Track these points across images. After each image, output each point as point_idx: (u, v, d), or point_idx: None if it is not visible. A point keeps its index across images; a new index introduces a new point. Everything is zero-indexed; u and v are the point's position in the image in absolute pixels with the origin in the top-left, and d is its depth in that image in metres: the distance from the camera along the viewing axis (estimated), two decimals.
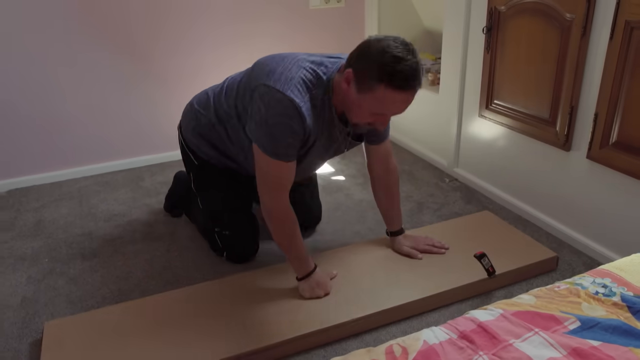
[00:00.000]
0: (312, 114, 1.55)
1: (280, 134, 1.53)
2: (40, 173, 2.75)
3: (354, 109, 1.52)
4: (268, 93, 1.52)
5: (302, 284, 1.74)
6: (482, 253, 1.76)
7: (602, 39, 1.81)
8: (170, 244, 2.16)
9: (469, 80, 2.48)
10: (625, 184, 1.83)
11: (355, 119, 1.56)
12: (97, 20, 2.61)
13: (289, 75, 1.52)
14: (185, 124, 2.00)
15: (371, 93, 1.44)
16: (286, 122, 1.51)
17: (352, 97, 1.50)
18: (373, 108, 1.47)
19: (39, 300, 1.84)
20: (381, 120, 1.53)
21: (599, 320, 1.13)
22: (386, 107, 1.47)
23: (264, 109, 1.53)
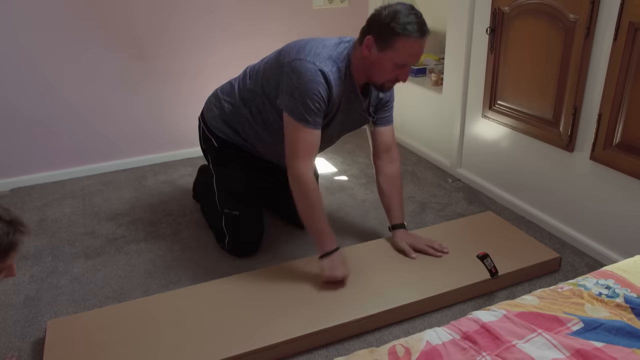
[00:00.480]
0: (338, 84, 1.75)
1: (310, 100, 1.70)
2: (44, 172, 2.75)
3: (378, 70, 1.73)
4: (300, 65, 1.71)
5: (323, 261, 1.79)
6: (485, 254, 1.76)
7: (605, 40, 1.81)
8: (173, 244, 2.16)
9: (473, 81, 2.48)
10: (629, 185, 1.83)
11: (380, 79, 1.76)
12: (101, 19, 2.62)
13: (317, 51, 1.74)
14: (208, 112, 2.11)
15: (392, 48, 1.66)
16: (316, 88, 1.69)
17: (374, 59, 1.70)
18: (395, 60, 1.68)
19: (42, 299, 1.85)
20: (404, 71, 1.74)
21: (602, 322, 1.13)
22: (407, 55, 1.68)
23: (296, 77, 1.71)
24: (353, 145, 3.13)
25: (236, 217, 2.03)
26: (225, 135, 2.04)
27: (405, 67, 1.72)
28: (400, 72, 1.73)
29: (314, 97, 1.69)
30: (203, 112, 2.14)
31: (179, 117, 2.95)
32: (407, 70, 1.74)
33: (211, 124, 2.07)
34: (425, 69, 3.07)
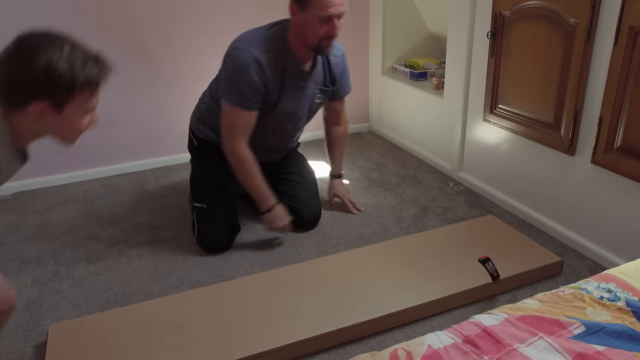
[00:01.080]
0: (273, 63, 1.88)
1: (241, 82, 1.87)
2: (46, 176, 2.76)
3: (309, 30, 1.83)
4: (233, 52, 1.90)
5: (264, 216, 2.08)
6: (487, 257, 1.76)
7: (606, 44, 1.81)
8: (174, 248, 2.17)
9: (474, 85, 2.48)
10: (630, 188, 1.83)
11: (314, 39, 1.85)
12: (103, 23, 2.63)
13: (249, 37, 1.91)
14: (192, 114, 2.29)
15: (309, 4, 1.77)
16: (245, 72, 1.85)
17: (302, 21, 1.83)
18: (318, 14, 1.78)
19: (44, 303, 1.85)
20: (332, 24, 1.82)
21: (604, 325, 1.13)
22: (325, 5, 1.77)
23: (231, 65, 1.90)
24: (354, 149, 3.14)
25: (204, 210, 2.11)
26: (204, 135, 2.18)
27: (331, 21, 1.80)
28: (329, 27, 1.81)
29: (245, 80, 1.86)
30: (190, 118, 2.30)
31: (181, 121, 2.94)
32: (334, 24, 1.82)
33: (193, 125, 2.24)
34: (427, 73, 3.08)
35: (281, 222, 2.07)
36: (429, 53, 3.29)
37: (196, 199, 2.15)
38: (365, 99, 3.42)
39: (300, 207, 2.21)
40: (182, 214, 2.43)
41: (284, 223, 2.08)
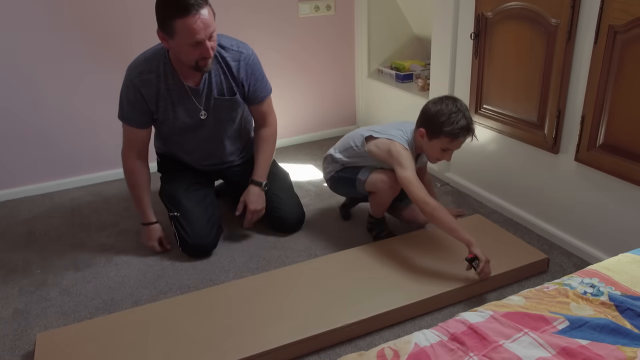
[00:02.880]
0: (153, 85, 1.96)
1: (123, 102, 2.02)
2: (32, 184, 2.74)
3: (182, 54, 1.86)
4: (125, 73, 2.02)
5: (141, 229, 2.19)
6: (474, 256, 1.77)
7: (586, 44, 1.84)
8: (163, 254, 2.16)
9: (459, 86, 2.50)
10: (613, 185, 1.86)
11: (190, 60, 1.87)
12: (88, 30, 2.62)
13: (138, 58, 2.00)
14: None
15: (175, 32, 1.78)
16: (124, 92, 2.00)
17: (173, 47, 1.85)
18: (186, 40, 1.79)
19: (31, 312, 1.83)
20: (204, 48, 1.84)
21: (587, 320, 1.14)
22: (192, 32, 1.77)
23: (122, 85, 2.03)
24: None
25: (179, 217, 2.13)
26: (160, 149, 2.30)
27: (202, 44, 1.80)
28: (202, 50, 1.83)
29: (125, 100, 2.00)
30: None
31: None
32: (205, 47, 1.82)
33: (154, 143, 2.30)
34: (412, 74, 3.10)
35: (148, 242, 2.16)
36: (414, 55, 3.32)
37: (170, 209, 2.18)
38: (352, 102, 3.44)
39: (279, 212, 2.23)
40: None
41: (151, 244, 2.15)
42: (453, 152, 1.96)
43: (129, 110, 2.01)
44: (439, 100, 1.91)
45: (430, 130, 1.90)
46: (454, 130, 1.86)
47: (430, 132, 1.91)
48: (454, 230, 1.80)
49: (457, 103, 1.89)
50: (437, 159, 1.99)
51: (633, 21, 1.65)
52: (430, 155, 1.99)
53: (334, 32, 3.20)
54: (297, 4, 3.03)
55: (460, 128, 1.86)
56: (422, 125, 1.93)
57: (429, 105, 1.93)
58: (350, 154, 2.10)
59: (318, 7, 3.09)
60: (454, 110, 1.86)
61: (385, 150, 1.95)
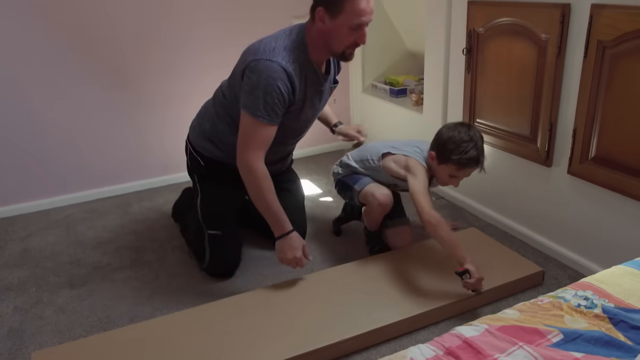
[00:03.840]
0: (298, 72, 1.79)
1: (268, 95, 1.75)
2: (27, 202, 2.74)
3: (336, 38, 1.77)
4: (257, 64, 1.76)
5: (277, 243, 1.89)
6: (464, 270, 1.77)
7: (576, 58, 1.86)
8: (159, 270, 2.15)
9: (452, 100, 2.53)
10: (606, 197, 1.87)
11: (340, 46, 1.79)
12: (85, 47, 2.64)
13: (271, 47, 1.79)
14: (192, 134, 2.17)
15: (342, 11, 1.71)
16: (273, 83, 1.74)
17: (329, 28, 1.75)
18: (349, 22, 1.72)
19: (26, 331, 1.82)
20: (361, 32, 1.76)
21: (582, 332, 1.15)
22: (358, 14, 1.71)
23: (255, 76, 1.76)
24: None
25: (219, 237, 2.04)
26: (211, 153, 2.08)
27: (361, 29, 1.75)
28: (358, 35, 1.76)
29: (273, 93, 1.75)
30: (189, 135, 2.19)
31: (164, 143, 2.96)
32: (363, 32, 1.76)
33: (197, 144, 2.11)
34: (406, 89, 3.13)
35: (293, 253, 1.86)
36: (408, 70, 3.35)
37: (210, 225, 2.04)
38: (346, 116, 3.46)
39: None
40: (166, 236, 2.43)
41: (297, 255, 1.86)
42: (461, 180, 1.97)
43: (272, 105, 1.76)
44: (453, 127, 1.91)
45: (439, 154, 1.91)
46: (462, 160, 1.86)
47: (439, 156, 1.91)
48: (454, 246, 1.79)
49: (471, 132, 1.88)
50: (445, 183, 2.00)
51: (621, 36, 1.68)
52: (438, 179, 2.00)
53: None
54: (291, 20, 3.06)
55: (468, 158, 1.85)
56: (433, 149, 1.94)
57: (443, 129, 1.94)
58: (364, 166, 2.12)
59: None
60: (466, 139, 1.85)
61: (403, 165, 1.97)
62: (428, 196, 1.87)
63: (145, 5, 2.70)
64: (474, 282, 1.75)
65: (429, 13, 2.54)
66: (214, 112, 2.06)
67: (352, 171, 2.16)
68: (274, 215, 1.85)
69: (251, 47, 1.86)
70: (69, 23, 2.57)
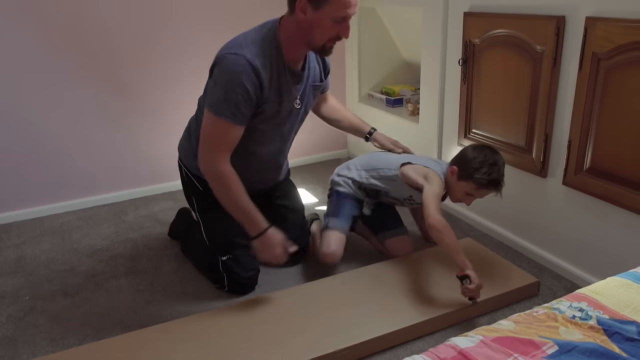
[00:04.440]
0: (268, 69, 1.70)
1: (230, 91, 1.66)
2: (22, 209, 2.73)
3: (317, 30, 1.69)
4: (223, 58, 1.69)
5: (255, 242, 1.81)
6: (465, 274, 1.77)
7: (571, 70, 1.88)
8: (154, 279, 2.14)
9: (448, 110, 2.54)
10: (601, 208, 1.88)
11: (321, 39, 1.71)
12: (81, 54, 2.64)
13: (238, 42, 1.71)
14: (183, 155, 2.09)
15: (327, 2, 1.62)
16: (237, 78, 1.65)
17: (311, 20, 1.67)
18: (334, 14, 1.64)
19: (19, 339, 1.81)
20: (345, 25, 1.69)
21: (576, 344, 1.15)
22: (343, 5, 1.64)
23: (219, 72, 1.68)
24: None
25: (232, 259, 1.98)
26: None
27: (345, 22, 1.68)
28: (341, 28, 1.69)
29: (236, 88, 1.65)
30: (180, 158, 2.11)
31: (159, 151, 2.96)
32: (347, 25, 1.70)
33: (191, 166, 2.01)
34: (402, 99, 3.14)
35: (273, 251, 1.81)
36: (404, 80, 3.37)
37: (221, 251, 1.97)
38: None
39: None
40: (162, 244, 2.42)
41: (277, 253, 1.81)
42: (474, 199, 2.00)
43: (235, 103, 1.66)
44: (480, 147, 1.97)
45: (462, 170, 1.94)
46: (484, 180, 1.89)
47: (461, 172, 1.94)
48: (457, 253, 1.79)
49: (497, 156, 1.93)
50: (458, 200, 2.03)
51: (615, 49, 1.70)
52: (453, 194, 2.02)
53: None
54: None
55: (490, 180, 1.90)
56: (456, 164, 1.98)
57: (469, 148, 2.00)
58: (378, 175, 2.11)
59: None
60: (492, 162, 1.90)
61: (422, 174, 1.98)
62: (439, 202, 1.89)
63: (145, 14, 2.71)
64: (474, 289, 1.75)
65: (425, 23, 2.56)
66: (198, 128, 1.92)
67: (358, 186, 2.16)
68: (247, 215, 1.77)
69: (222, 47, 1.77)
70: (66, 31, 2.58)
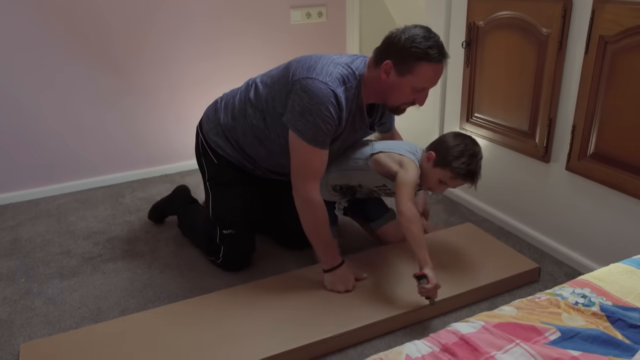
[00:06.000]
0: (346, 105, 1.74)
1: (322, 122, 1.68)
2: (17, 191, 2.70)
3: (396, 93, 1.74)
4: (312, 84, 1.67)
5: (326, 275, 1.84)
6: (423, 274, 1.68)
7: (577, 53, 1.84)
8: (151, 262, 2.13)
9: (450, 94, 2.51)
10: (603, 194, 1.86)
11: (397, 102, 1.78)
12: (77, 37, 2.60)
13: (328, 70, 1.71)
14: (207, 124, 2.04)
15: (412, 72, 1.68)
16: (328, 110, 1.68)
17: (392, 83, 1.72)
18: (415, 85, 1.70)
19: (15, 322, 1.80)
20: (422, 95, 1.75)
21: (579, 330, 1.14)
22: (428, 80, 1.71)
23: (308, 97, 1.67)
24: None
25: (233, 235, 2.00)
26: (225, 152, 1.99)
27: (423, 91, 1.73)
28: (418, 96, 1.74)
29: (326, 118, 1.67)
30: (202, 122, 2.06)
31: (156, 133, 2.93)
32: (425, 94, 1.74)
33: (210, 138, 2.01)
34: None
35: (345, 286, 1.82)
36: None
37: (224, 225, 2.00)
38: None
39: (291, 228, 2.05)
40: (159, 227, 2.40)
41: (349, 288, 1.82)
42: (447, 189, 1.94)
43: (324, 130, 1.69)
44: (461, 136, 1.89)
45: (439, 157, 1.86)
46: (462, 170, 1.83)
47: (438, 159, 1.86)
48: (420, 247, 1.71)
49: (477, 148, 1.88)
50: (430, 189, 1.94)
51: (623, 32, 1.66)
52: (425, 182, 1.93)
53: (325, 40, 3.20)
54: (288, 11, 3.03)
55: (467, 170, 1.83)
56: (434, 150, 1.89)
57: (450, 135, 1.91)
58: (348, 167, 1.97)
59: (310, 14, 3.09)
60: (472, 152, 1.84)
61: (397, 161, 1.89)
62: (413, 191, 1.82)
63: None
64: (431, 288, 1.67)
65: (429, 5, 2.51)
66: (237, 109, 1.93)
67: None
68: (327, 247, 1.82)
69: (304, 62, 1.75)
70: (59, 8, 2.53)
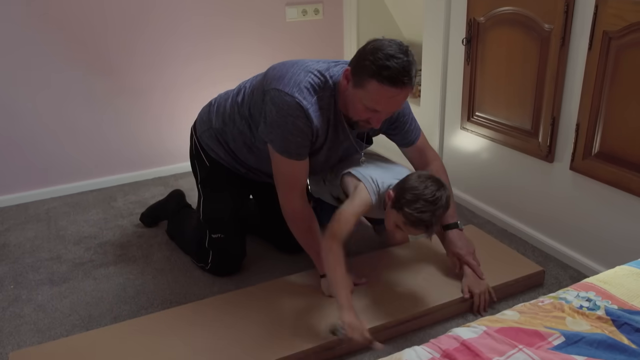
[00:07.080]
0: (319, 115, 1.65)
1: (289, 133, 1.63)
2: (5, 194, 2.65)
3: (351, 105, 1.63)
4: (278, 96, 1.62)
5: (322, 281, 1.80)
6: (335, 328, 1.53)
7: (581, 50, 1.80)
8: (144, 267, 2.08)
9: (450, 92, 2.46)
10: (609, 194, 1.81)
11: (353, 115, 1.66)
12: (68, 38, 2.56)
13: (297, 80, 1.63)
14: (201, 125, 2.01)
15: (363, 88, 1.53)
16: (294, 122, 1.61)
17: (349, 93, 1.61)
18: (366, 103, 1.56)
19: (4, 330, 1.75)
20: (376, 117, 1.60)
21: (584, 335, 1.10)
22: (376, 102, 1.55)
23: (275, 110, 1.63)
24: None
25: (222, 239, 1.97)
26: (217, 155, 1.96)
27: (376, 112, 1.58)
28: (371, 117, 1.60)
29: (294, 131, 1.62)
30: (196, 123, 2.03)
31: (149, 135, 2.88)
32: (379, 117, 1.59)
33: (203, 141, 1.98)
34: None
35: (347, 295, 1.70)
36: None
37: (213, 229, 1.96)
38: None
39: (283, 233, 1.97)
40: (152, 231, 2.35)
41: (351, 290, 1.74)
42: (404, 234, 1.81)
43: (297, 142, 1.64)
44: (425, 178, 1.64)
45: (396, 198, 1.64)
46: (412, 217, 1.58)
47: (395, 200, 1.64)
48: (332, 284, 1.60)
49: (438, 193, 1.60)
50: (390, 229, 1.74)
51: (628, 27, 1.62)
52: (385, 220, 1.72)
53: (322, 38, 3.16)
54: (284, 8, 2.99)
55: (419, 219, 1.58)
56: (394, 188, 1.69)
57: (413, 175, 1.68)
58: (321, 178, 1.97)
59: (306, 12, 3.05)
60: (429, 199, 1.57)
61: (354, 185, 1.77)
62: (349, 225, 1.65)
63: None
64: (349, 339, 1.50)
65: (428, 1, 2.47)
66: (228, 113, 1.89)
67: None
68: (316, 255, 1.77)
69: (279, 69, 1.70)
70: (53, 10, 2.49)
